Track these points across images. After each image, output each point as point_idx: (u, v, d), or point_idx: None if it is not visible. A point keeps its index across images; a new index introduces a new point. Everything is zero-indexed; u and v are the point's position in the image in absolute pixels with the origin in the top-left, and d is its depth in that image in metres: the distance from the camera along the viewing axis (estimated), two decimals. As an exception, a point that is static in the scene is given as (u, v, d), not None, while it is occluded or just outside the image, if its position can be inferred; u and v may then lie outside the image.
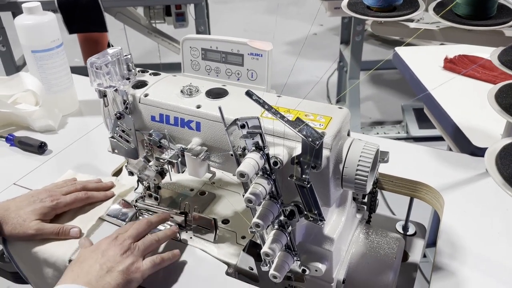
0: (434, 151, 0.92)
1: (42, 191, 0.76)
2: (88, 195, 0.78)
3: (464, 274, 0.67)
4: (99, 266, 0.61)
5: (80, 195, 0.78)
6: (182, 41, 0.71)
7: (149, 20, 2.29)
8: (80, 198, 0.77)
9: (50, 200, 0.74)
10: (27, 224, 0.71)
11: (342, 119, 0.59)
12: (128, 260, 0.63)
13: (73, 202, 0.76)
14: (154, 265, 0.66)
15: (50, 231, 0.72)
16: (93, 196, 0.79)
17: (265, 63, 0.67)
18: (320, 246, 0.64)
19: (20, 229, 0.71)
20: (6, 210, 0.72)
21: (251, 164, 0.53)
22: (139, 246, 0.66)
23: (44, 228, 0.72)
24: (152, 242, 0.68)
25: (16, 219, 0.71)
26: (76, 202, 0.77)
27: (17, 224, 0.71)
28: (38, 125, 1.03)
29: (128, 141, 0.71)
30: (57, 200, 0.75)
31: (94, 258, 0.63)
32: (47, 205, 0.73)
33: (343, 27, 2.53)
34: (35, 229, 0.71)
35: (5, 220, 0.71)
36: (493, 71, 1.19)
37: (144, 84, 0.70)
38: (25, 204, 0.73)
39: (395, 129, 2.47)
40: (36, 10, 0.99)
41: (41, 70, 1.04)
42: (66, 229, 0.73)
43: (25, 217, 0.71)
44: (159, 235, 0.70)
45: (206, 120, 0.64)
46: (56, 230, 0.72)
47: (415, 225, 0.88)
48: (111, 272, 0.61)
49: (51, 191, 0.76)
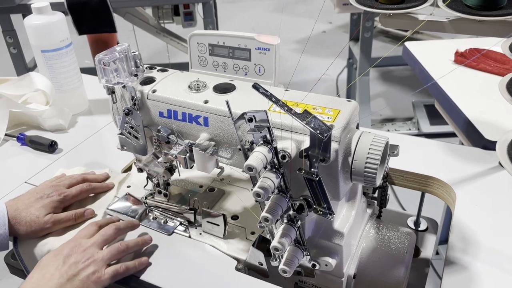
0: (445, 145, 0.91)
1: (46, 187, 0.77)
2: (92, 186, 0.80)
3: (477, 268, 0.66)
4: (59, 274, 0.60)
5: (85, 187, 0.79)
6: (189, 37, 0.71)
7: (158, 20, 2.30)
8: (85, 189, 0.79)
9: (57, 194, 0.75)
10: (41, 220, 0.72)
11: (351, 112, 0.59)
12: (90, 269, 0.62)
13: (79, 194, 0.78)
14: (116, 274, 0.64)
15: (66, 219, 0.74)
16: (96, 187, 0.81)
17: (272, 57, 0.67)
18: (330, 241, 0.64)
19: (35, 225, 0.71)
20: (16, 210, 0.72)
21: (259, 157, 0.53)
22: (104, 255, 0.64)
23: (59, 218, 0.73)
24: (119, 250, 0.66)
25: (29, 217, 0.72)
26: (82, 193, 0.79)
27: (31, 221, 0.71)
28: (48, 124, 1.04)
29: (136, 138, 0.71)
30: (63, 193, 0.76)
31: (55, 265, 0.62)
32: (55, 199, 0.74)
33: (352, 23, 2.51)
34: (51, 222, 0.72)
35: (17, 220, 0.71)
36: (505, 64, 1.17)
37: (152, 80, 0.70)
38: (33, 200, 0.74)
39: (406, 126, 2.44)
40: (45, 10, 1.00)
41: (51, 70, 1.05)
42: (80, 212, 0.75)
43: (37, 214, 0.72)
44: (129, 244, 0.68)
45: (213, 115, 0.64)
46: (72, 216, 0.74)
47: (427, 220, 0.87)
48: (71, 281, 0.60)
49: (55, 186, 0.77)
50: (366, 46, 2.22)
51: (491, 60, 1.19)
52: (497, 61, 1.18)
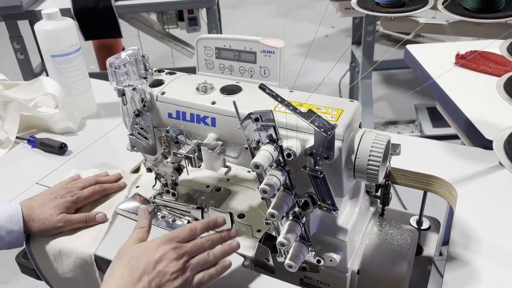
0: (446, 145, 0.93)
1: (60, 188, 0.80)
2: (103, 187, 0.83)
3: (478, 265, 0.68)
4: (148, 283, 0.57)
5: (97, 188, 0.82)
6: (196, 41, 0.74)
7: (162, 25, 2.33)
8: (97, 191, 0.81)
9: (71, 195, 0.78)
10: (54, 218, 0.74)
11: (354, 112, 0.61)
12: (178, 282, 0.59)
13: (91, 195, 0.81)
14: (200, 284, 0.61)
15: (77, 220, 0.76)
16: (108, 188, 0.84)
17: (277, 60, 0.69)
18: (334, 237, 0.66)
19: (48, 223, 0.74)
20: (30, 208, 0.75)
21: (265, 155, 0.55)
22: (193, 265, 0.61)
23: (71, 219, 0.76)
24: (206, 262, 0.63)
25: (43, 215, 0.74)
26: (94, 195, 0.81)
27: (45, 219, 0.74)
28: (58, 127, 1.06)
29: (146, 138, 0.73)
30: (76, 195, 0.78)
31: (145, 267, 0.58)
32: (69, 199, 0.77)
33: (354, 27, 2.53)
34: (63, 221, 0.75)
35: (31, 217, 0.74)
36: (505, 66, 1.19)
37: (161, 83, 0.73)
38: (47, 200, 0.76)
39: (408, 129, 2.46)
40: (55, 16, 1.03)
41: (60, 74, 1.08)
42: (92, 216, 0.77)
43: (51, 212, 0.75)
44: (216, 254, 0.64)
45: (221, 115, 0.66)
46: (83, 218, 0.77)
47: (430, 219, 0.89)
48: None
49: (69, 187, 0.80)
50: (368, 49, 2.24)
51: (491, 62, 1.21)
52: (497, 63, 1.20)
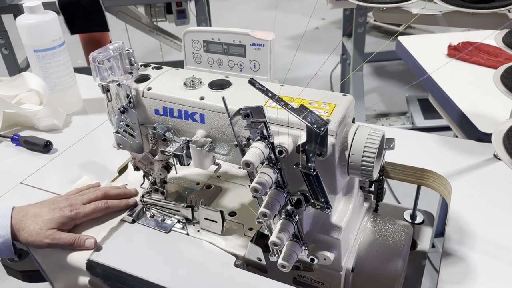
0: (440, 138, 0.92)
1: (63, 199, 0.75)
2: (108, 204, 0.76)
3: (474, 260, 0.67)
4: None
5: (100, 205, 0.75)
6: (183, 34, 0.71)
7: (150, 18, 2.29)
8: (99, 208, 0.75)
9: (70, 210, 0.72)
10: (43, 233, 0.69)
11: (347, 106, 0.59)
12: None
13: (92, 213, 0.74)
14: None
15: (65, 242, 0.71)
16: (113, 205, 0.77)
17: (267, 53, 0.67)
18: (328, 235, 0.64)
19: (36, 237, 0.69)
20: (24, 215, 0.71)
21: (256, 153, 0.53)
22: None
23: (60, 238, 0.70)
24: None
25: (33, 226, 0.70)
26: (96, 213, 0.75)
27: (33, 231, 0.69)
28: (42, 124, 1.03)
29: (132, 136, 0.71)
30: (76, 210, 0.73)
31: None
32: (66, 214, 0.72)
33: (345, 19, 2.51)
34: (50, 239, 0.69)
35: (21, 226, 0.70)
36: (498, 57, 1.18)
37: (147, 78, 0.70)
38: (45, 211, 0.72)
39: (400, 121, 2.46)
40: (37, 10, 1.00)
41: (44, 70, 1.04)
42: (81, 240, 0.71)
43: (42, 225, 0.70)
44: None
45: (209, 111, 0.64)
46: (72, 240, 0.71)
47: (423, 213, 0.88)
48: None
49: (72, 200, 0.75)
50: (359, 41, 2.22)
51: (484, 53, 1.20)
52: (490, 54, 1.19)
